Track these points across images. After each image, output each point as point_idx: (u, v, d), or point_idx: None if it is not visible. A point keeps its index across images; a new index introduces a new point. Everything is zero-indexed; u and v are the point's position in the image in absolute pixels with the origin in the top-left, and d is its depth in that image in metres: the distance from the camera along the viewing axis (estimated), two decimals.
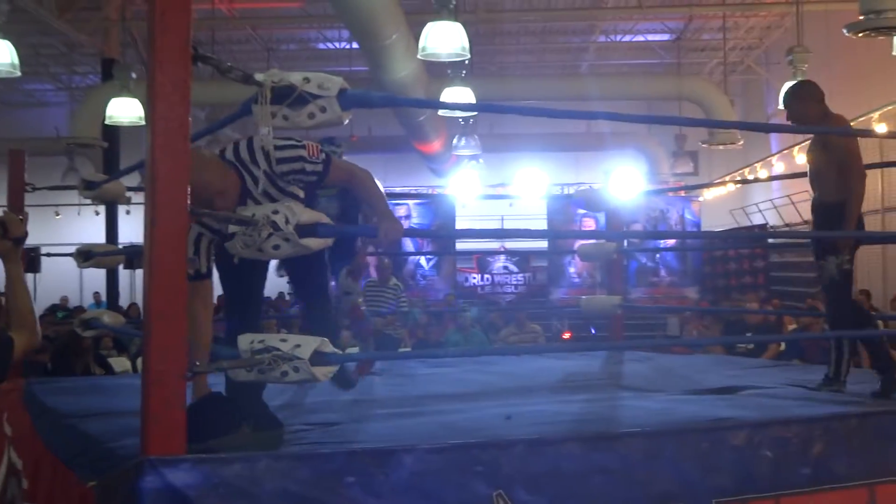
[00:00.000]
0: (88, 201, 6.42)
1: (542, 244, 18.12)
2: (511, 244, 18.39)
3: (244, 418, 3.37)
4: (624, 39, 18.22)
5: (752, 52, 18.99)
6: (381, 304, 10.05)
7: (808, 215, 16.06)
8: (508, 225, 18.21)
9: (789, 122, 4.94)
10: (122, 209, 14.31)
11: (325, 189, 4.01)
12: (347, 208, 4.91)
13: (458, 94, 11.20)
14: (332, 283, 5.31)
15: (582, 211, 14.98)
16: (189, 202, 2.92)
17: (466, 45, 9.18)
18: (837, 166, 4.66)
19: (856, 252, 4.80)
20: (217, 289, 3.77)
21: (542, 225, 16.63)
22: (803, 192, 15.67)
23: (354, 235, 5.37)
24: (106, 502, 3.08)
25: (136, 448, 2.91)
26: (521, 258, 18.05)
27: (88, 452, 3.52)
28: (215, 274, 3.70)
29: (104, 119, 12.02)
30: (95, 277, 14.96)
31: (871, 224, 13.57)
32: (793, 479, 3.55)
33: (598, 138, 20.35)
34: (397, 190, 19.11)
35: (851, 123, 13.53)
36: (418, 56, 9.85)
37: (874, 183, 13.40)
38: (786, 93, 5.01)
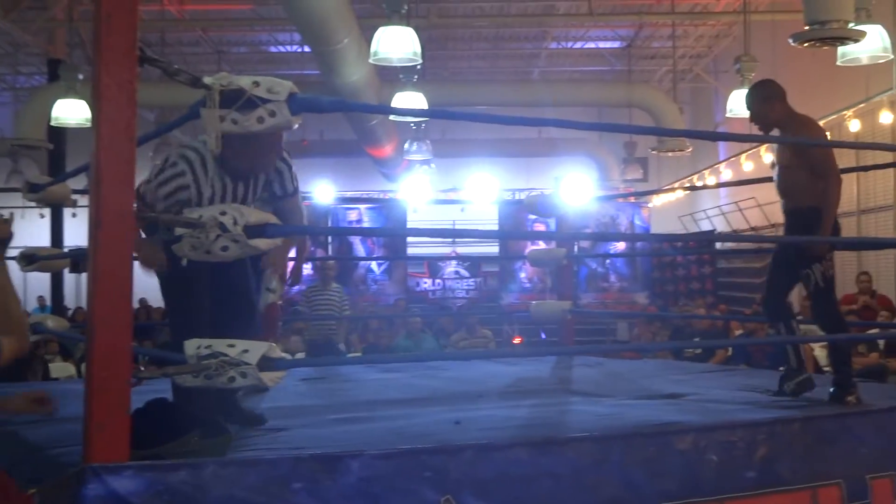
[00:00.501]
0: (33, 204, 6.32)
1: (494, 249, 18.19)
2: (462, 249, 18.43)
3: (192, 426, 3.33)
4: (575, 46, 18.35)
5: (700, 60, 19.23)
6: (323, 308, 10.05)
7: (755, 221, 16.32)
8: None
9: (753, 123, 4.77)
10: (67, 212, 14.11)
11: None
12: None
13: (410, 98, 11.20)
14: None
15: (533, 216, 15.04)
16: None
17: (418, 50, 9.19)
18: (810, 170, 4.53)
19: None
20: None
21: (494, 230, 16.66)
22: (750, 198, 16.02)
23: (303, 234, 5.36)
24: None
25: (78, 455, 2.87)
26: (473, 263, 18.09)
27: (30, 459, 3.45)
28: None
29: (50, 120, 11.84)
30: (40, 281, 14.73)
31: (847, 226, 13.84)
32: (737, 482, 3.60)
33: (550, 144, 20.47)
34: (349, 194, 19.09)
35: None
36: (370, 60, 9.83)
37: (850, 185, 13.66)
38: (748, 93, 4.88)
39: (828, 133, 12.39)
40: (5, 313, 2.98)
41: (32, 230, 16.35)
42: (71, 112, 11.25)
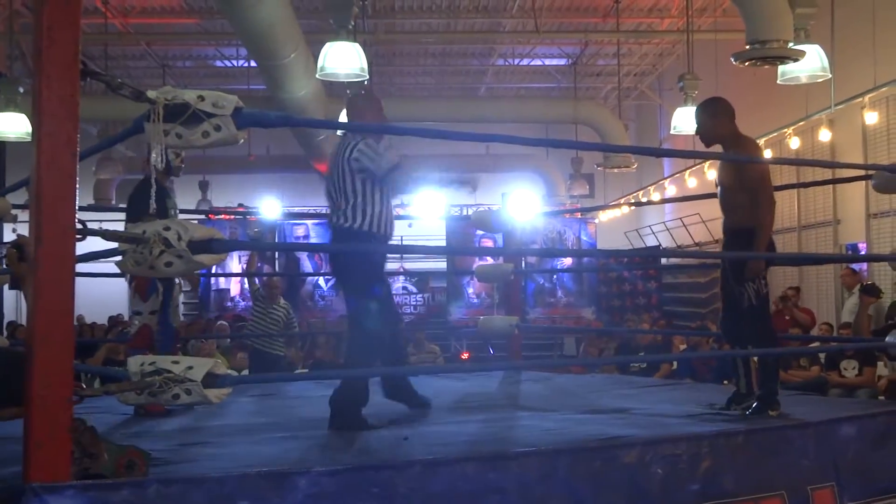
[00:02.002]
0: None
1: (442, 265, 18.21)
2: (410, 265, 18.41)
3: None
4: (522, 63, 18.47)
5: (645, 78, 19.47)
6: (270, 324, 9.99)
7: (699, 237, 16.47)
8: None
9: (699, 138, 4.87)
10: (7, 227, 13.84)
11: None
12: None
13: None
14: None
15: (480, 232, 15.08)
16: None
17: (365, 65, 9.20)
18: (749, 192, 4.64)
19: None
20: None
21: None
22: (694, 214, 16.25)
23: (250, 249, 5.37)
24: None
25: (18, 475, 2.82)
26: (421, 278, 18.09)
27: None
28: None
29: None
30: None
31: (788, 241, 14.09)
32: (682, 495, 3.64)
33: (497, 160, 20.57)
34: (296, 209, 18.98)
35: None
36: (317, 76, 9.82)
37: (790, 201, 13.91)
38: (698, 107, 4.97)
39: (769, 151, 12.66)
40: None
41: None
42: (11, 126, 11.03)
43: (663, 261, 18.13)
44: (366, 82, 10.27)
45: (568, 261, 16.87)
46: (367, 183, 4.63)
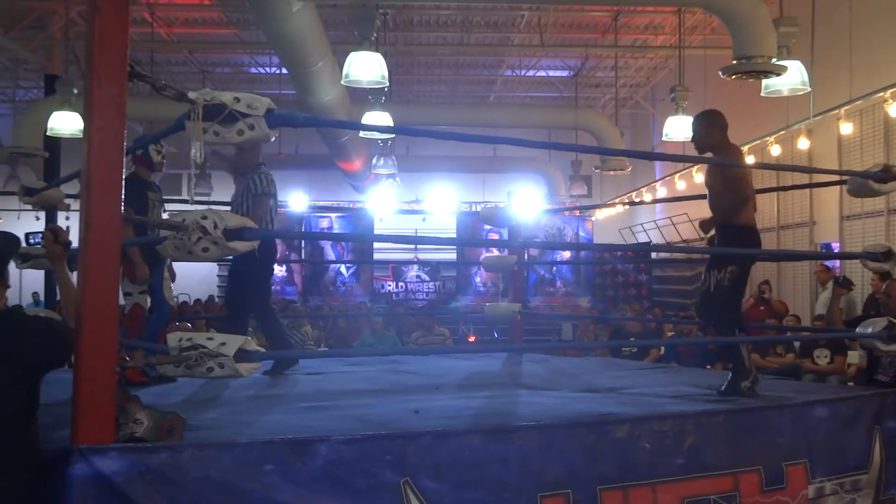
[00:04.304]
0: (29, 207, 6.21)
1: (452, 256, 18.19)
2: (423, 256, 18.41)
3: None
4: (528, 74, 18.40)
5: (640, 89, 19.39)
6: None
7: (686, 234, 16.42)
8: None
9: (693, 144, 4.90)
10: (61, 215, 13.87)
11: None
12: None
13: (378, 117, 11.17)
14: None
15: (488, 226, 15.06)
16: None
17: (386, 74, 9.18)
18: (732, 193, 4.68)
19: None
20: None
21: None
22: (683, 214, 16.17)
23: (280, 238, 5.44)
24: (40, 488, 2.97)
25: (66, 438, 2.82)
26: (433, 268, 18.09)
27: None
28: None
29: (46, 131, 11.65)
30: (35, 278, 14.45)
31: (767, 240, 14.04)
32: (668, 468, 3.63)
33: (503, 162, 20.53)
34: (321, 203, 18.98)
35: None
36: (342, 82, 9.79)
37: (770, 203, 13.88)
38: (697, 116, 4.97)
39: (752, 157, 12.61)
40: (69, 305, 2.96)
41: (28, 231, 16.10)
42: (65, 123, 11.08)
43: (654, 255, 18.13)
44: (385, 89, 10.26)
45: (567, 254, 16.87)
46: None
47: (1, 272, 2.99)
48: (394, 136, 15.38)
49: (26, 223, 16.65)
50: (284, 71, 13.75)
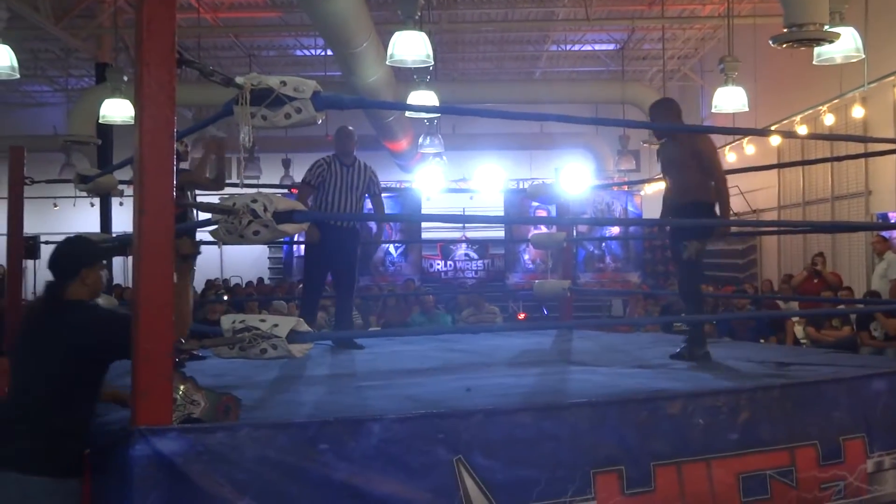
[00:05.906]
0: (84, 194, 6.34)
1: (500, 233, 18.14)
2: (471, 233, 18.40)
3: None
4: (573, 49, 18.21)
5: (688, 60, 19.09)
6: None
7: (736, 207, 16.24)
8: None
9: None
10: (115, 201, 14.11)
11: None
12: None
13: (423, 97, 11.15)
14: None
15: (535, 204, 14.99)
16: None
17: (430, 52, 9.14)
18: (702, 170, 5.10)
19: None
20: None
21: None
22: (733, 186, 15.87)
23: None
24: (101, 469, 3.05)
25: (126, 420, 2.88)
26: (481, 246, 18.07)
27: None
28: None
29: (98, 118, 11.82)
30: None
31: (822, 211, 13.85)
32: (722, 443, 3.60)
33: (550, 138, 20.37)
34: None
35: (775, 125, 13.66)
36: (387, 62, 9.77)
37: (825, 174, 13.66)
38: (651, 107, 5.46)
39: (804, 127, 12.36)
40: (180, 310, 3.01)
41: (83, 218, 16.41)
42: (117, 111, 11.24)
43: None
44: (431, 68, 10.22)
45: (616, 229, 16.73)
46: None
47: (77, 271, 3.13)
48: (440, 115, 15.35)
49: (82, 209, 17.00)
50: (329, 52, 13.81)
